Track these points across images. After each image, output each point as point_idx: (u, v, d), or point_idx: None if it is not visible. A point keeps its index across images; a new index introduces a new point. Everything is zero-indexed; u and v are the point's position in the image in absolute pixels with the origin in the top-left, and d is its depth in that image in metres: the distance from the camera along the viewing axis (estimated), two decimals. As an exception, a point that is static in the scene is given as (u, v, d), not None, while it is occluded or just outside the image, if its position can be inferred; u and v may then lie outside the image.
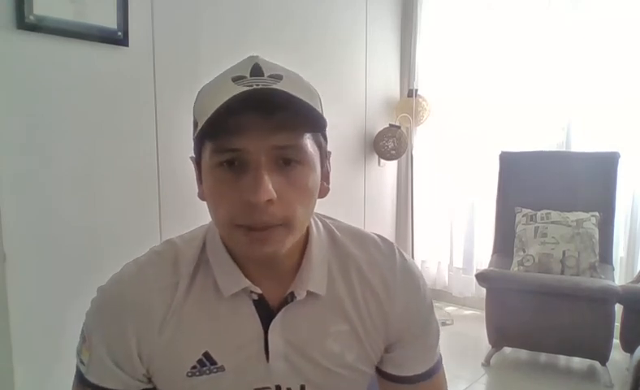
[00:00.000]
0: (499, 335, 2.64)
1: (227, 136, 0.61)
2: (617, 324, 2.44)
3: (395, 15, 3.63)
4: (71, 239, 1.92)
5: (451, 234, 3.55)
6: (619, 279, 2.85)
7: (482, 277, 2.65)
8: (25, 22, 1.73)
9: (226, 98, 0.59)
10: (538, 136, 3.23)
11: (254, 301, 0.71)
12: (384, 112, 3.48)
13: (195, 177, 0.71)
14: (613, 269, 2.74)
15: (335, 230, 0.78)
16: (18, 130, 1.78)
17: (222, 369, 0.71)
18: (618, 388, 2.41)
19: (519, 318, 2.52)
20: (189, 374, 0.71)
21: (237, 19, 2.51)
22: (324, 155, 0.70)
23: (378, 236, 0.81)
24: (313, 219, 0.75)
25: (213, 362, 0.71)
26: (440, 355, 0.82)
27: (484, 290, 2.67)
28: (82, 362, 0.73)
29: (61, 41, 1.86)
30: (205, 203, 0.68)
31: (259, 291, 0.70)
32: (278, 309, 0.71)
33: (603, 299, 2.37)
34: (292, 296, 0.71)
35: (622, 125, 2.96)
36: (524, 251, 2.74)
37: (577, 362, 2.75)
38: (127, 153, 2.09)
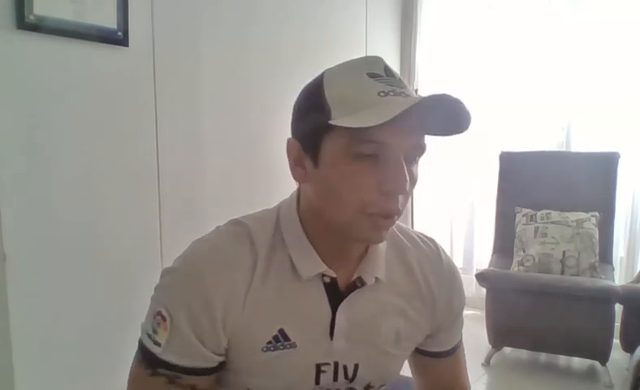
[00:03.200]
0: (499, 335, 2.64)
1: (371, 129, 0.62)
2: (617, 324, 2.44)
3: (395, 14, 3.63)
4: (71, 239, 1.92)
5: (451, 234, 3.55)
6: (619, 279, 2.86)
7: (481, 277, 2.65)
8: (25, 22, 1.73)
9: (375, 96, 0.65)
10: (538, 136, 3.23)
11: (325, 283, 0.75)
12: (384, 112, 3.46)
13: (290, 159, 0.73)
14: (613, 269, 2.75)
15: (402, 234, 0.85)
16: (18, 130, 1.78)
17: (294, 345, 0.75)
18: (618, 388, 2.41)
19: (519, 318, 2.52)
20: (264, 349, 0.74)
21: (237, 19, 2.51)
22: None
23: (419, 231, 0.88)
24: None
25: (287, 339, 0.74)
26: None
27: (484, 290, 2.67)
28: (157, 344, 0.71)
29: (61, 41, 1.86)
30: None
31: (333, 275, 0.74)
32: (346, 292, 0.76)
33: (603, 299, 2.37)
34: (361, 281, 0.76)
35: (622, 125, 2.96)
36: (524, 251, 2.74)
37: (577, 362, 2.75)
38: (127, 153, 2.09)
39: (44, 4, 1.77)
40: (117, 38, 2.01)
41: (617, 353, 2.49)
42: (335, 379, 0.78)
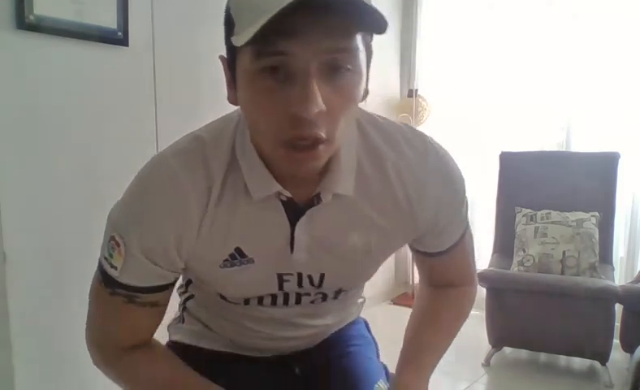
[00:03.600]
0: (499, 335, 2.64)
1: (272, 38, 0.55)
2: (617, 324, 2.44)
3: (395, 15, 3.63)
4: (71, 239, 1.92)
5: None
6: (619, 279, 2.85)
7: (482, 277, 2.64)
8: (25, 22, 1.73)
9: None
10: (538, 136, 3.23)
11: (282, 201, 0.72)
12: (384, 112, 3.46)
13: (225, 80, 0.67)
14: (613, 269, 2.75)
15: (367, 126, 0.75)
16: (18, 130, 1.78)
17: (251, 261, 0.75)
18: (618, 388, 2.41)
19: (519, 318, 2.52)
20: (222, 265, 0.75)
21: None
22: (370, 58, 0.65)
23: (409, 128, 0.79)
24: None
25: (243, 255, 0.74)
26: (467, 217, 0.87)
27: (484, 290, 2.67)
28: (113, 267, 0.72)
29: (61, 41, 1.86)
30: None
31: (289, 195, 0.71)
32: (305, 209, 0.73)
33: (603, 299, 2.37)
34: (319, 198, 0.72)
35: (622, 125, 2.96)
36: (524, 251, 2.74)
37: (577, 362, 2.75)
38: (127, 153, 2.09)
39: (44, 4, 1.77)
40: (117, 38, 2.01)
41: (617, 353, 2.49)
42: (300, 285, 0.80)
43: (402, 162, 0.74)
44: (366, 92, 0.66)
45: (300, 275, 0.79)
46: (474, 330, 3.07)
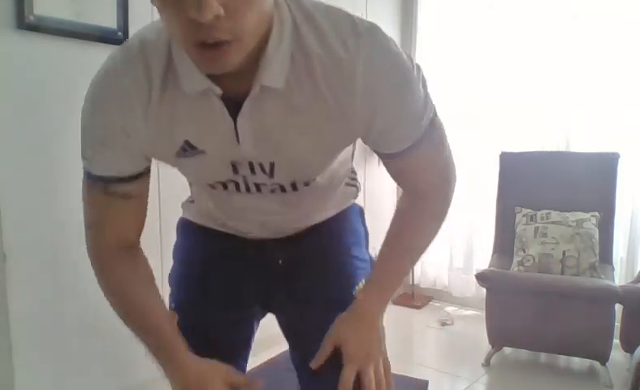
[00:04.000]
0: (499, 335, 2.64)
1: None
2: (617, 324, 2.44)
3: (395, 14, 3.63)
4: (71, 239, 1.92)
5: (452, 234, 3.55)
6: (619, 279, 2.85)
7: (482, 277, 2.65)
8: (25, 22, 1.73)
9: None
10: (538, 137, 3.23)
11: (220, 95, 0.73)
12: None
13: None
14: (613, 269, 2.75)
15: (300, 21, 0.72)
16: (18, 130, 1.78)
17: (202, 152, 0.79)
18: (618, 388, 2.41)
19: (519, 318, 2.52)
20: (176, 155, 0.81)
21: None
22: None
23: (346, 18, 0.74)
24: (278, 7, 0.71)
25: (193, 147, 0.79)
26: (430, 121, 0.83)
27: (484, 290, 2.67)
28: (86, 158, 0.85)
29: (61, 41, 1.86)
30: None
31: (218, 91, 0.72)
32: (241, 102, 0.74)
33: (603, 299, 2.37)
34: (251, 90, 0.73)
35: (622, 125, 2.96)
36: (524, 251, 2.74)
37: (577, 362, 2.75)
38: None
39: (44, 4, 1.77)
40: (117, 38, 2.01)
41: (617, 354, 2.49)
42: (253, 172, 0.83)
43: (328, 59, 0.71)
44: None
45: (251, 163, 0.82)
46: (474, 330, 3.08)
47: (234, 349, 1.02)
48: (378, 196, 3.54)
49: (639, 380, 0.89)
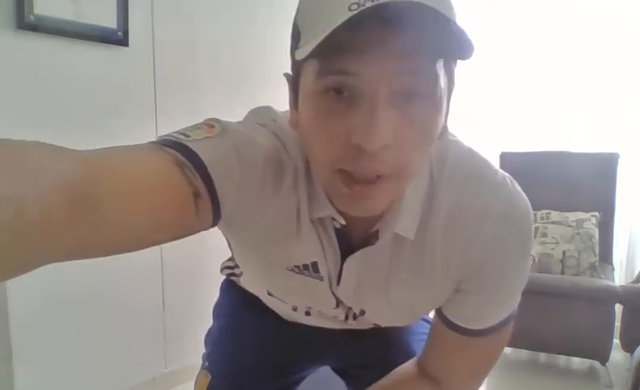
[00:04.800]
0: (499, 335, 2.63)
1: (338, 54, 0.48)
2: (617, 324, 2.44)
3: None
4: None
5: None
6: (619, 279, 2.85)
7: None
8: (25, 22, 1.73)
9: (344, 10, 0.45)
10: (538, 137, 3.23)
11: (336, 228, 0.65)
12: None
13: (288, 99, 0.61)
14: (613, 269, 2.74)
15: (434, 165, 0.64)
16: (17, 130, 1.78)
17: (321, 278, 0.71)
18: (618, 388, 2.41)
19: (519, 318, 2.49)
20: (289, 268, 0.70)
21: (236, 19, 2.51)
22: (452, 88, 0.56)
23: (489, 170, 0.65)
24: None
25: (317, 271, 0.70)
26: (511, 313, 0.71)
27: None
28: (184, 135, 0.57)
29: (61, 41, 1.86)
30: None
31: (341, 223, 0.64)
32: (359, 244, 0.66)
33: (604, 299, 2.37)
34: (376, 236, 0.65)
35: (622, 126, 2.96)
36: (524, 251, 2.74)
37: (577, 362, 2.75)
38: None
39: (44, 4, 1.77)
40: (117, 38, 2.01)
41: (617, 354, 2.49)
42: (337, 305, 0.76)
43: (456, 208, 0.63)
44: (445, 129, 0.57)
45: (340, 303, 0.75)
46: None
47: None
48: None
49: (639, 380, 0.88)
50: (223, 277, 1.07)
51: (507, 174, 0.67)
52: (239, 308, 1.00)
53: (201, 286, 1.49)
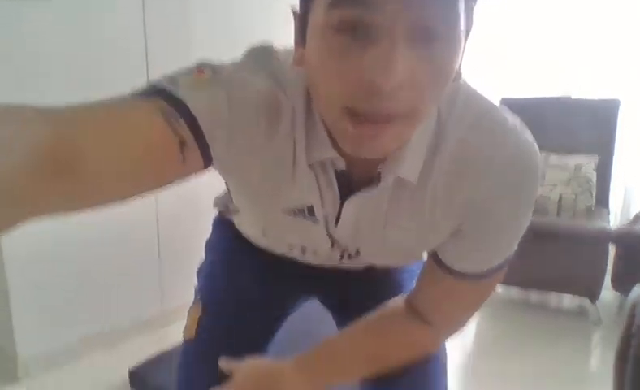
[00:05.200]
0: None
1: None
2: (609, 267, 2.47)
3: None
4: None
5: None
6: (614, 222, 2.88)
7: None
8: None
9: None
10: (540, 84, 3.17)
11: (335, 171, 0.64)
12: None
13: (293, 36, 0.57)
14: (609, 213, 2.76)
15: (443, 106, 0.62)
16: (14, 82, 1.72)
17: (317, 221, 0.70)
18: (606, 325, 2.48)
19: (513, 258, 2.55)
20: (285, 211, 0.70)
21: (229, 18, 2.39)
22: (470, 30, 0.54)
23: (501, 115, 0.62)
24: None
25: (312, 214, 0.69)
26: (507, 259, 0.70)
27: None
28: (173, 82, 0.55)
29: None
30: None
31: (342, 166, 0.62)
32: (359, 186, 0.65)
33: (598, 240, 2.40)
34: (378, 178, 0.63)
35: (624, 72, 2.91)
36: (521, 193, 2.74)
37: (568, 301, 2.82)
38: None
39: None
40: None
41: (606, 293, 2.55)
42: (332, 245, 0.76)
43: (460, 151, 0.61)
44: (458, 74, 0.55)
45: (337, 242, 0.75)
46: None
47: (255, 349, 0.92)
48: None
49: (632, 320, 0.89)
50: (216, 213, 1.07)
51: (518, 119, 0.64)
52: (231, 242, 1.00)
53: (195, 224, 1.48)
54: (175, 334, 0.98)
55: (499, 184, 0.61)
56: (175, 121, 0.52)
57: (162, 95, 0.53)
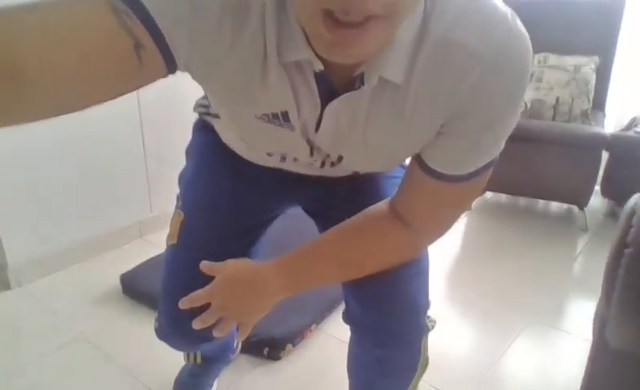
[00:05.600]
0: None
1: None
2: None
3: None
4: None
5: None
6: (610, 125, 2.83)
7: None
8: None
9: None
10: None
11: (315, 73, 0.60)
12: None
13: None
14: (605, 116, 2.71)
15: (432, 5, 0.57)
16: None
17: (292, 128, 0.68)
18: (592, 230, 2.52)
19: (504, 163, 2.51)
20: (259, 117, 0.67)
21: None
22: None
23: (489, 6, 0.57)
24: None
25: (287, 120, 0.67)
26: (492, 160, 0.67)
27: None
28: None
29: None
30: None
31: (319, 67, 0.59)
32: (340, 88, 0.62)
33: (591, 146, 2.36)
34: (361, 80, 0.60)
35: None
36: (517, 97, 2.67)
37: (555, 207, 2.85)
38: None
39: None
40: None
41: (594, 199, 2.56)
42: (312, 155, 0.75)
43: (444, 47, 0.56)
44: None
45: (318, 149, 0.74)
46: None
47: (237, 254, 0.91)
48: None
49: (628, 229, 0.88)
50: (197, 117, 1.03)
51: (509, 9, 0.58)
52: (210, 147, 0.98)
53: (181, 128, 1.41)
54: (164, 240, 0.98)
55: (486, 78, 0.57)
56: (129, 19, 0.48)
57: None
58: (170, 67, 0.55)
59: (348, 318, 0.91)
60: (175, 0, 0.51)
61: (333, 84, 0.62)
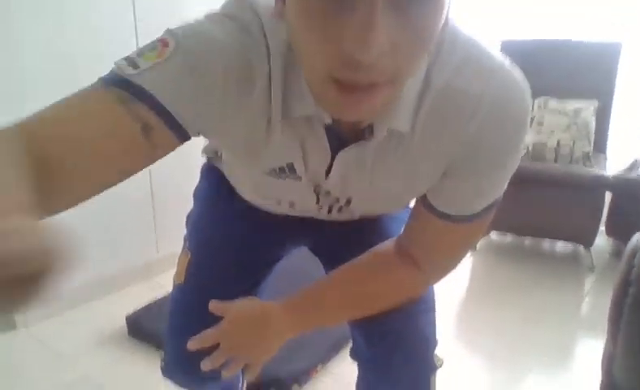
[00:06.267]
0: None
1: None
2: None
3: None
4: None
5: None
6: (611, 168, 2.85)
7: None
8: None
9: None
10: (540, 25, 3.07)
11: (325, 125, 0.63)
12: None
13: None
14: (606, 158, 2.74)
15: (432, 56, 0.60)
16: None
17: (299, 178, 0.71)
18: (599, 271, 2.51)
19: (508, 204, 2.53)
20: (267, 173, 0.71)
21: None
22: None
23: (486, 54, 0.61)
24: None
25: (294, 171, 0.70)
26: (495, 200, 0.70)
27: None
28: (133, 66, 0.54)
29: None
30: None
31: (328, 121, 0.61)
32: (350, 138, 0.64)
33: (594, 187, 2.39)
34: (371, 131, 0.62)
35: (626, 15, 2.81)
36: (518, 139, 2.71)
37: (561, 247, 2.84)
38: (105, 43, 1.95)
39: None
40: None
41: (599, 239, 2.56)
42: (317, 201, 0.78)
43: (450, 93, 0.60)
44: (445, 22, 0.51)
45: (327, 193, 0.76)
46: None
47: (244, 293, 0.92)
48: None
49: (631, 267, 0.89)
50: (205, 160, 1.06)
51: (506, 58, 0.63)
52: (218, 189, 1.00)
53: (187, 172, 1.45)
54: (171, 281, 0.99)
55: (487, 123, 0.60)
56: (135, 106, 0.53)
57: (119, 84, 0.53)
58: (183, 138, 0.59)
59: (355, 354, 0.91)
60: (178, 78, 0.55)
61: (342, 134, 0.65)
